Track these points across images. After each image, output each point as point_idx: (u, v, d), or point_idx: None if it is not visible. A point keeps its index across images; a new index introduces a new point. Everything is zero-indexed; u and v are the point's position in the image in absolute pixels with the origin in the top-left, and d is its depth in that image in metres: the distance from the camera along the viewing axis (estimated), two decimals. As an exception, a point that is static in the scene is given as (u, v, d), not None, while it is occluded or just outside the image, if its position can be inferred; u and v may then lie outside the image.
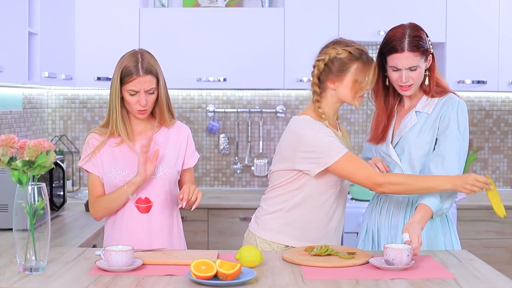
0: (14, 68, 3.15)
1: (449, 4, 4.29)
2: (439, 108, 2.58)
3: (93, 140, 2.60)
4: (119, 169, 2.56)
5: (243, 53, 4.29)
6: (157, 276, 2.08)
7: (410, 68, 2.53)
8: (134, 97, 2.51)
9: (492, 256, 4.02)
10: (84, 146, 2.62)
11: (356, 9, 4.29)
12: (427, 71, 2.59)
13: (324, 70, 2.54)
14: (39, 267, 2.10)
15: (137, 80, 2.49)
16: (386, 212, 2.67)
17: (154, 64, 2.54)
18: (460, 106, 2.56)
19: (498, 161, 4.77)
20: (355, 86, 2.53)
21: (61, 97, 4.68)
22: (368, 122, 4.71)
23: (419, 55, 2.52)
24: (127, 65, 2.50)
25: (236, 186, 4.74)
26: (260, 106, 4.70)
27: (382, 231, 2.67)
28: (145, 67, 2.50)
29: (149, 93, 2.52)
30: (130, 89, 2.50)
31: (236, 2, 4.54)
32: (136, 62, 2.50)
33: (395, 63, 2.54)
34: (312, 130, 2.49)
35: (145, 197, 2.56)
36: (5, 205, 3.05)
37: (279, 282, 2.03)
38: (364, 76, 2.52)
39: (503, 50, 4.32)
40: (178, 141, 2.65)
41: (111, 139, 2.58)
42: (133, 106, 2.52)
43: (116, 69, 2.54)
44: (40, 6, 3.47)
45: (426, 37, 2.57)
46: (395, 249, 2.18)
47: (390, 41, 2.55)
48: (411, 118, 2.62)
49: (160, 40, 4.28)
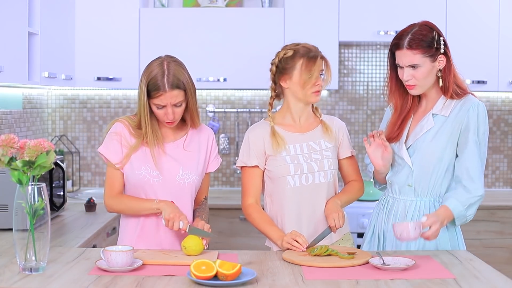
0: (14, 68, 3.15)
1: (449, 4, 4.29)
2: (457, 111, 2.54)
3: (120, 128, 2.53)
4: (149, 168, 2.51)
5: (243, 53, 4.29)
6: (157, 276, 2.08)
7: (411, 66, 2.49)
8: (162, 110, 2.46)
9: (492, 256, 4.02)
10: (110, 130, 2.55)
11: (356, 9, 4.29)
12: (439, 71, 2.53)
13: (276, 72, 2.65)
14: (39, 267, 2.10)
15: (163, 96, 2.42)
16: (393, 215, 2.64)
17: (180, 75, 2.44)
18: (480, 108, 2.52)
19: (498, 161, 4.77)
20: (304, 82, 2.58)
21: (61, 97, 4.68)
22: (368, 122, 4.71)
23: (419, 53, 2.47)
24: (153, 78, 2.42)
25: (236, 186, 4.74)
26: (260, 106, 4.70)
27: (388, 234, 2.64)
28: (171, 81, 2.42)
29: (177, 106, 2.47)
30: (156, 103, 2.44)
31: (236, 2, 4.54)
32: (162, 75, 2.42)
33: (398, 60, 2.53)
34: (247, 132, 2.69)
35: (171, 201, 2.51)
36: (5, 205, 3.05)
37: (279, 282, 2.03)
38: (309, 71, 2.58)
39: (503, 50, 4.32)
40: (204, 145, 2.63)
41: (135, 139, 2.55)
42: (161, 117, 2.48)
43: (142, 79, 2.47)
44: (40, 6, 3.47)
45: (439, 37, 2.51)
46: (401, 223, 2.21)
47: (395, 38, 2.55)
48: (428, 121, 2.57)
49: (160, 40, 4.28)
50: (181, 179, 2.54)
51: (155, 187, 2.52)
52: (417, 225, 2.23)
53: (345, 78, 4.72)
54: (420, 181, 2.58)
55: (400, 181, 2.62)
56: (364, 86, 4.73)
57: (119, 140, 2.53)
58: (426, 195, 2.59)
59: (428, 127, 2.57)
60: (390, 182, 2.66)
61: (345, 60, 4.71)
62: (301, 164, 2.61)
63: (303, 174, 2.61)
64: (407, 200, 2.62)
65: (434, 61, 2.50)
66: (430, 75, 2.52)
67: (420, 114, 2.63)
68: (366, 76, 4.73)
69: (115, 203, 2.54)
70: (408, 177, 2.59)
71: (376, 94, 4.73)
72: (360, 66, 4.72)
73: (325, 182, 2.62)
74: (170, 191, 2.53)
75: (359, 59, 4.72)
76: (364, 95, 4.73)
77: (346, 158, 2.75)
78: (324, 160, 2.63)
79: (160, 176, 2.51)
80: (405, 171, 2.60)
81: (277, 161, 2.61)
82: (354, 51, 4.71)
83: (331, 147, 2.67)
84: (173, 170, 2.54)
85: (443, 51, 2.51)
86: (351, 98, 4.74)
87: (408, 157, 2.58)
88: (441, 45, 2.51)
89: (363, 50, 4.71)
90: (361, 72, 4.72)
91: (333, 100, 4.73)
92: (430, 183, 2.57)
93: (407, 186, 2.60)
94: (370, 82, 4.72)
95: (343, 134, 2.74)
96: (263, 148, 2.63)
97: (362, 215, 4.10)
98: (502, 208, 4.14)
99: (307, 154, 2.63)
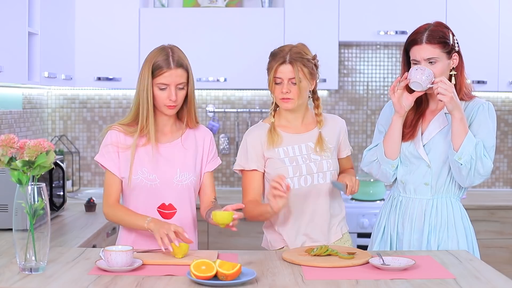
0: (14, 68, 3.15)
1: (449, 4, 4.29)
2: (469, 112, 2.57)
3: (115, 137, 2.51)
4: (146, 172, 2.50)
5: (243, 53, 4.29)
6: (157, 276, 2.08)
7: (429, 61, 2.51)
8: (164, 92, 2.45)
9: (492, 256, 4.02)
10: (104, 142, 2.53)
11: (356, 9, 4.29)
12: (453, 70, 2.57)
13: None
14: (39, 267, 2.10)
15: (168, 73, 2.43)
16: (409, 216, 2.63)
17: (184, 58, 2.49)
18: (490, 106, 2.58)
19: (498, 161, 4.77)
20: (270, 86, 2.58)
21: (61, 97, 4.68)
22: (368, 122, 4.71)
23: (438, 48, 2.50)
24: (158, 58, 2.45)
25: (236, 186, 4.74)
26: (260, 106, 4.70)
27: (404, 236, 2.63)
28: (176, 60, 2.45)
29: (179, 88, 2.46)
30: (160, 82, 2.44)
31: (236, 2, 4.54)
32: (167, 55, 2.45)
33: (414, 55, 2.54)
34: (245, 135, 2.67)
35: (169, 204, 2.52)
36: (5, 205, 3.05)
37: (279, 282, 2.03)
38: (271, 76, 2.55)
39: (503, 50, 4.32)
40: (200, 145, 2.61)
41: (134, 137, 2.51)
42: (162, 101, 2.45)
43: (145, 65, 2.47)
44: (40, 6, 3.47)
45: (452, 35, 2.56)
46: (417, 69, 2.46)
47: (412, 35, 2.56)
48: (442, 119, 2.60)
49: (160, 40, 4.20)
50: (179, 181, 2.53)
51: (152, 190, 2.51)
52: (430, 74, 2.45)
53: (345, 78, 4.72)
54: (438, 178, 2.59)
55: (416, 181, 2.62)
56: (364, 86, 4.73)
57: (116, 150, 2.51)
58: (443, 192, 2.60)
59: (441, 125, 2.59)
60: (404, 182, 2.65)
61: (345, 60, 4.71)
62: (300, 166, 2.60)
63: (302, 175, 2.60)
64: (423, 199, 2.62)
65: (450, 58, 2.54)
66: (445, 73, 2.55)
67: (431, 115, 2.64)
68: (366, 76, 4.73)
69: (111, 213, 2.52)
70: (425, 176, 2.60)
71: (376, 94, 4.73)
72: (360, 66, 4.72)
73: (324, 183, 2.62)
74: (168, 194, 2.52)
75: (359, 59, 4.72)
76: (364, 95, 4.73)
77: (343, 158, 2.75)
78: (323, 161, 2.62)
79: (157, 179, 2.50)
80: (422, 169, 2.60)
81: (276, 163, 2.60)
82: (354, 51, 4.71)
83: (331, 147, 2.66)
84: (170, 172, 2.52)
85: (457, 49, 2.56)
86: (351, 98, 4.74)
87: (426, 155, 2.59)
88: (456, 43, 2.56)
89: (363, 50, 4.71)
90: (361, 72, 4.72)
91: (333, 100, 4.73)
92: (447, 180, 2.59)
93: (424, 184, 2.60)
94: (370, 82, 4.72)
95: (344, 133, 2.74)
96: (261, 150, 2.61)
97: (362, 215, 4.11)
98: (502, 208, 4.15)
99: (306, 155, 2.62)
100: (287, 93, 2.53)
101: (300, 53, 2.55)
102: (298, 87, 2.53)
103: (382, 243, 2.70)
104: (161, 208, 2.52)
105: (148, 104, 2.46)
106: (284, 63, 2.52)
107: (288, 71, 2.52)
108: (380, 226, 2.73)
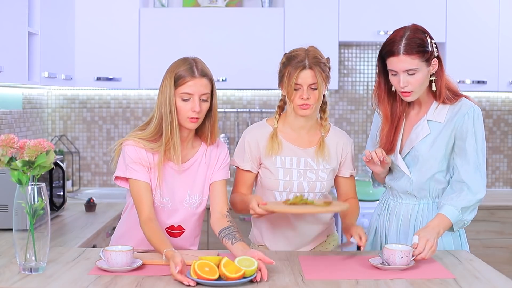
0: (14, 68, 3.15)
1: (449, 4, 4.29)
2: (452, 117, 2.46)
3: (139, 153, 2.35)
4: (159, 193, 2.39)
5: (243, 53, 4.29)
6: (157, 276, 2.08)
7: (408, 72, 2.37)
8: (187, 103, 2.32)
9: (492, 256, 4.02)
10: (127, 159, 2.35)
11: (356, 9, 4.29)
12: (432, 76, 2.44)
13: (279, 78, 2.55)
14: (39, 267, 2.10)
15: (192, 82, 2.31)
16: (395, 218, 2.60)
17: (208, 69, 2.38)
18: (476, 113, 2.44)
19: (498, 161, 4.77)
20: (288, 93, 2.47)
21: (61, 97, 4.68)
22: (368, 122, 4.71)
23: (417, 58, 2.36)
24: (179, 69, 2.33)
25: (236, 186, 4.73)
26: (260, 106, 4.70)
27: (389, 237, 2.61)
28: (200, 69, 2.34)
29: (203, 100, 2.34)
30: (183, 92, 2.31)
31: (236, 2, 4.54)
32: (190, 65, 2.34)
33: (392, 66, 2.40)
34: (244, 132, 2.63)
35: (178, 225, 2.47)
36: (5, 205, 3.05)
37: (279, 282, 2.03)
38: (290, 82, 2.44)
39: (503, 50, 4.32)
40: (213, 161, 2.51)
41: (155, 155, 2.37)
42: (184, 113, 2.32)
43: (167, 75, 2.35)
44: (40, 6, 3.47)
45: (430, 39, 2.41)
46: (389, 249, 2.18)
47: (387, 44, 2.41)
48: (423, 127, 2.49)
49: (160, 40, 4.28)
50: (188, 203, 2.46)
51: (164, 212, 2.43)
52: (404, 254, 2.16)
53: (345, 78, 4.72)
54: (419, 188, 2.53)
55: (399, 188, 2.58)
56: (364, 86, 4.73)
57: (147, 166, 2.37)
58: (428, 197, 2.55)
59: (424, 134, 2.49)
60: (390, 186, 2.63)
61: (345, 60, 4.71)
62: (292, 182, 2.53)
63: (292, 192, 2.54)
64: (409, 204, 2.58)
65: (429, 65, 2.42)
66: (426, 80, 2.43)
67: (414, 120, 2.55)
68: (366, 76, 4.73)
69: (144, 231, 2.31)
70: (406, 185, 2.55)
71: (376, 94, 4.72)
72: (360, 66, 4.72)
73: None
74: (178, 215, 2.46)
75: (359, 59, 4.72)
76: (364, 95, 4.73)
77: (345, 177, 2.66)
78: (317, 182, 2.55)
79: (170, 202, 2.43)
80: (404, 179, 2.55)
81: (269, 172, 2.55)
82: (354, 51, 4.71)
83: (329, 168, 2.58)
84: (181, 194, 2.44)
85: (436, 54, 2.43)
86: (351, 98, 4.74)
87: (406, 167, 2.52)
88: (434, 48, 2.43)
89: (363, 50, 4.71)
90: (361, 72, 4.72)
91: (333, 100, 4.73)
92: (431, 189, 2.53)
93: (407, 193, 2.57)
94: (370, 82, 4.72)
95: (348, 152, 2.63)
96: (257, 154, 2.57)
97: (362, 215, 4.08)
98: (502, 208, 4.15)
99: (302, 171, 2.55)
100: (307, 99, 2.46)
101: (316, 57, 2.46)
102: (318, 92, 2.46)
103: (374, 243, 2.69)
104: (170, 229, 2.47)
105: (172, 116, 2.32)
106: (305, 69, 2.43)
107: (308, 76, 2.44)
108: (372, 226, 2.72)
